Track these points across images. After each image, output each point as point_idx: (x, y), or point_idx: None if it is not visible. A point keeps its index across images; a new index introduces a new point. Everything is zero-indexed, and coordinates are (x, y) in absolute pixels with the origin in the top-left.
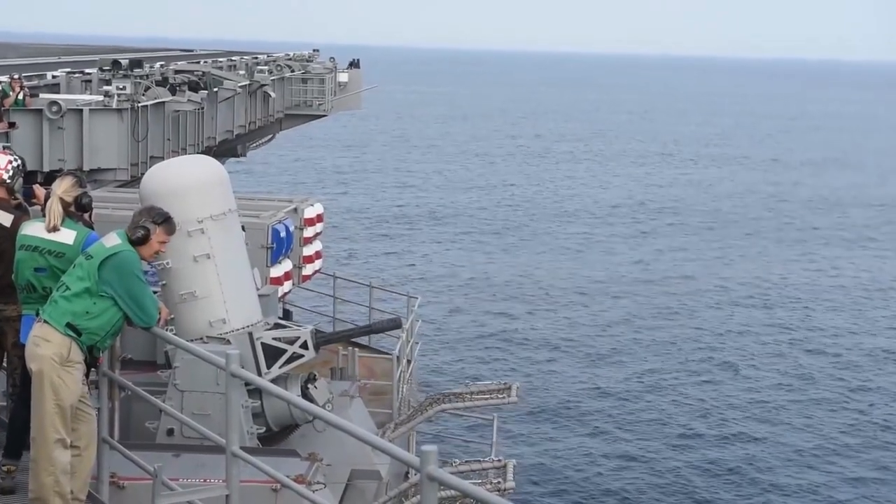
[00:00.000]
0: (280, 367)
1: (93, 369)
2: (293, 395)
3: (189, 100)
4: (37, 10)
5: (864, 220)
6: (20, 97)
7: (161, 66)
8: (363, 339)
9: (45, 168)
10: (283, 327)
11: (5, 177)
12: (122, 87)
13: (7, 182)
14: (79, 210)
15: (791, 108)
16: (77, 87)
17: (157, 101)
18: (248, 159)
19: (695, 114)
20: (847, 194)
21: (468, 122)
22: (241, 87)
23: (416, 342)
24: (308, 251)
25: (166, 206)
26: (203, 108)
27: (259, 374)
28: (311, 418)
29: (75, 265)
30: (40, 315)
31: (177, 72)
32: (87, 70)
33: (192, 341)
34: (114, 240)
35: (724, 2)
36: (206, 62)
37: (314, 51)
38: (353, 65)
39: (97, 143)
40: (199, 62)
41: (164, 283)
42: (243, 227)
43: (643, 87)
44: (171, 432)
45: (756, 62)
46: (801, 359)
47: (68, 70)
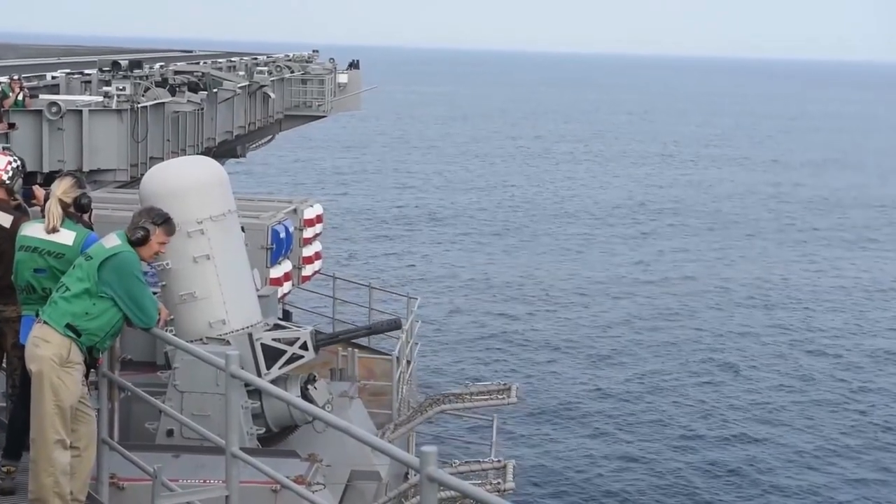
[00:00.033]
0: (280, 368)
1: (92, 370)
2: (293, 395)
3: (189, 101)
4: (37, 11)
5: (865, 220)
6: (20, 98)
7: (161, 66)
8: (363, 340)
9: (45, 169)
10: (283, 328)
11: (5, 178)
12: (121, 87)
13: (7, 183)
14: (78, 211)
15: (791, 109)
16: (77, 87)
17: (157, 101)
18: (248, 160)
19: (695, 114)
20: (847, 195)
21: (468, 122)
22: (240, 87)
23: (416, 343)
24: (308, 252)
25: (166, 207)
26: (202, 108)
27: (259, 374)
28: (310, 419)
29: (75, 266)
30: (40, 316)
31: (176, 72)
32: (87, 71)
33: (191, 342)
34: (113, 240)
35: (724, 2)
36: (205, 63)
37: (314, 51)
38: (353, 65)
39: (97, 144)
40: (198, 63)
41: (163, 283)
42: (243, 228)
43: (643, 88)
44: (170, 433)
45: (756, 62)
46: (801, 360)
47: (68, 71)
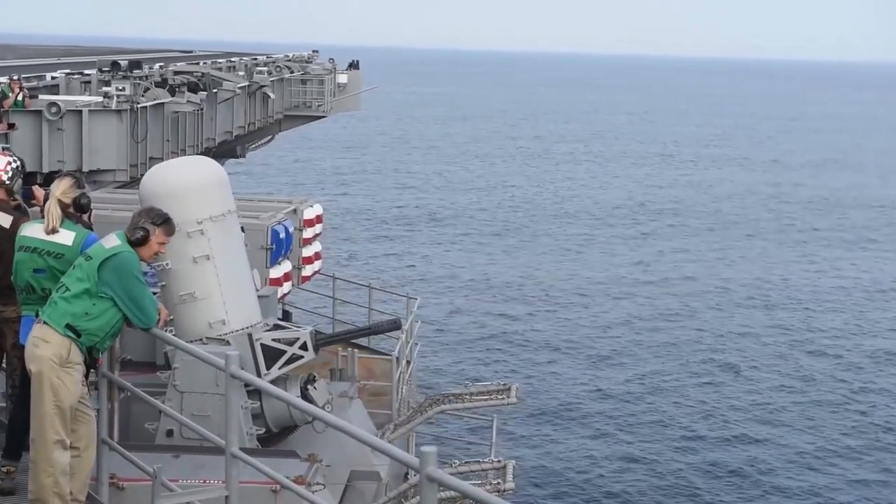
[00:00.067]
0: (279, 368)
1: (92, 370)
2: (292, 396)
3: (188, 101)
4: (37, 11)
5: (865, 221)
6: (19, 98)
7: (160, 67)
8: (363, 340)
9: (45, 169)
10: (283, 328)
11: (4, 178)
12: (121, 88)
13: (6, 183)
14: (77, 211)
15: (791, 109)
16: (76, 88)
17: (157, 102)
18: (248, 160)
19: (695, 115)
20: (847, 195)
21: (468, 123)
22: (240, 88)
23: (416, 343)
24: (307, 252)
25: (166, 207)
26: (202, 109)
27: (258, 375)
28: (310, 419)
29: (75, 266)
30: (40, 316)
31: (176, 73)
32: (87, 71)
33: (191, 342)
34: (113, 241)
35: (724, 2)
36: (205, 63)
37: (313, 52)
38: (353, 66)
39: (96, 145)
40: (198, 63)
41: (163, 284)
42: (243, 229)
43: (643, 88)
44: (170, 433)
45: (756, 63)
46: (802, 360)
47: (67, 71)
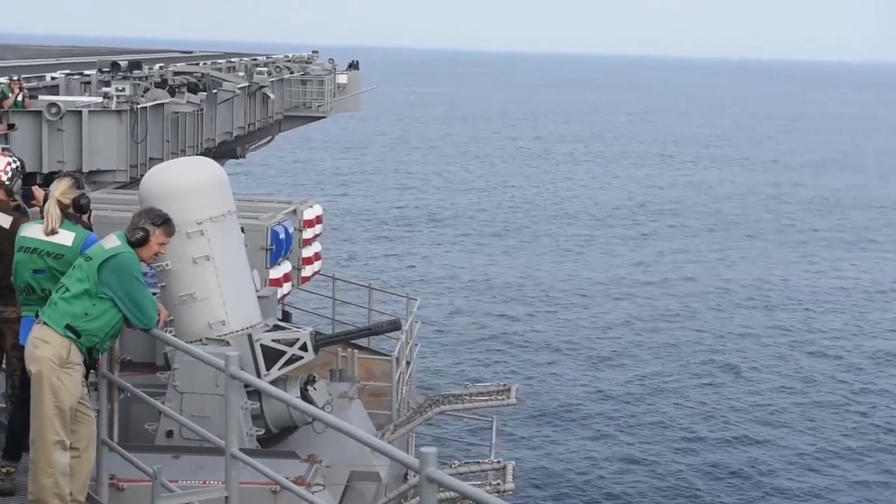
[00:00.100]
0: (279, 369)
1: (92, 371)
2: (292, 396)
3: (188, 101)
4: (37, 11)
5: (865, 221)
6: (19, 99)
7: (160, 67)
8: (362, 341)
9: (45, 170)
10: (283, 329)
11: (4, 178)
12: (121, 88)
13: (6, 184)
14: (77, 211)
15: (791, 110)
16: (76, 88)
17: (157, 102)
18: (248, 161)
19: (695, 115)
20: (847, 195)
21: (468, 123)
22: (240, 88)
23: (416, 344)
24: (307, 253)
25: (165, 208)
26: (202, 109)
27: (258, 375)
28: (310, 420)
29: (74, 267)
30: (39, 317)
31: (176, 73)
32: (87, 72)
33: (191, 343)
34: (113, 241)
35: (725, 2)
36: (205, 63)
37: (313, 52)
38: (353, 66)
39: (96, 145)
40: (198, 63)
41: (163, 284)
42: (242, 229)
43: (643, 88)
44: (170, 434)
45: (756, 63)
46: (802, 361)
47: (67, 72)
